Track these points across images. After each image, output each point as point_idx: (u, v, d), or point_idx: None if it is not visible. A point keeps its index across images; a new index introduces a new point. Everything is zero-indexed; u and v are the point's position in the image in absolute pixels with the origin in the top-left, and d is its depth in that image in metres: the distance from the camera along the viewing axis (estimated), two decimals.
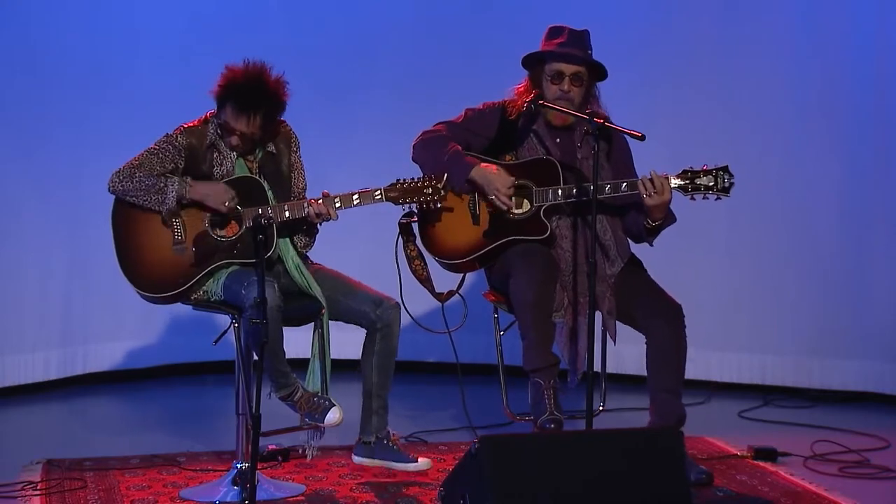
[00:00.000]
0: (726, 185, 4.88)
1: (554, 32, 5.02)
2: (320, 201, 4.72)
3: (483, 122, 5.10)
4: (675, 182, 4.87)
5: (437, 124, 5.12)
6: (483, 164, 4.97)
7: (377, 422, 4.87)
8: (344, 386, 4.93)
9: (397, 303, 4.84)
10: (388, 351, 4.83)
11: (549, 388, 4.84)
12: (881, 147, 6.34)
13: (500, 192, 4.94)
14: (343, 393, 4.87)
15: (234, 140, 4.75)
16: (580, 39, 5.00)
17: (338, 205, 4.74)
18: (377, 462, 4.89)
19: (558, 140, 5.07)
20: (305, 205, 4.72)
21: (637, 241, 5.09)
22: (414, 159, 5.08)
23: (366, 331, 4.85)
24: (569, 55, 4.96)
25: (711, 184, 4.88)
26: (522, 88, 5.08)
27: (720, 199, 4.91)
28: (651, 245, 5.07)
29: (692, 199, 4.92)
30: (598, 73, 5.02)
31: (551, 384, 4.85)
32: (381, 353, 4.83)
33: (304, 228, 4.85)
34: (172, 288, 4.73)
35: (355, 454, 4.93)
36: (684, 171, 4.89)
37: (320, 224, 4.83)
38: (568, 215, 5.02)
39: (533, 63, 5.05)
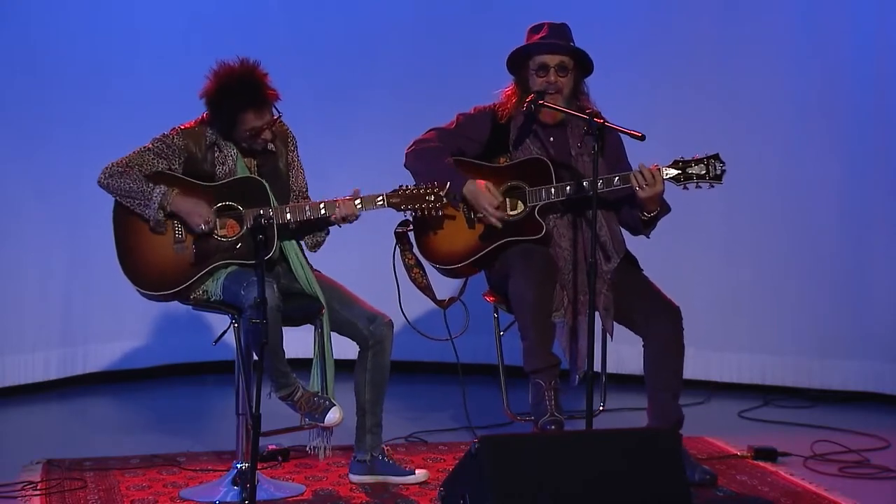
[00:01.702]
0: (718, 172, 4.88)
1: (534, 29, 5.05)
2: (348, 200, 4.70)
3: (475, 127, 5.10)
4: (667, 172, 4.87)
5: (429, 131, 5.11)
6: (474, 181, 4.97)
7: (371, 440, 4.87)
8: (345, 386, 4.92)
9: (390, 320, 4.83)
10: (380, 367, 4.82)
11: (550, 389, 4.84)
12: (881, 147, 6.33)
13: (488, 213, 4.95)
14: (344, 393, 4.86)
15: (269, 134, 4.76)
16: (561, 31, 5.02)
17: (339, 209, 4.74)
18: (375, 478, 4.87)
19: (552, 139, 5.07)
20: (336, 202, 4.70)
21: (634, 233, 5.09)
22: (406, 167, 5.08)
23: (358, 347, 4.85)
24: (551, 45, 4.97)
25: (703, 172, 4.88)
26: (510, 91, 5.09)
27: (713, 186, 4.91)
28: (648, 237, 5.07)
29: (685, 188, 4.91)
30: (584, 67, 5.03)
31: (552, 385, 4.85)
32: (373, 370, 4.82)
33: (317, 228, 4.84)
34: (171, 286, 4.73)
35: (352, 472, 4.92)
36: (675, 161, 4.90)
37: (340, 226, 4.82)
38: (565, 213, 5.02)
39: (517, 65, 5.05)
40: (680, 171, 4.88)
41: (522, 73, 5.04)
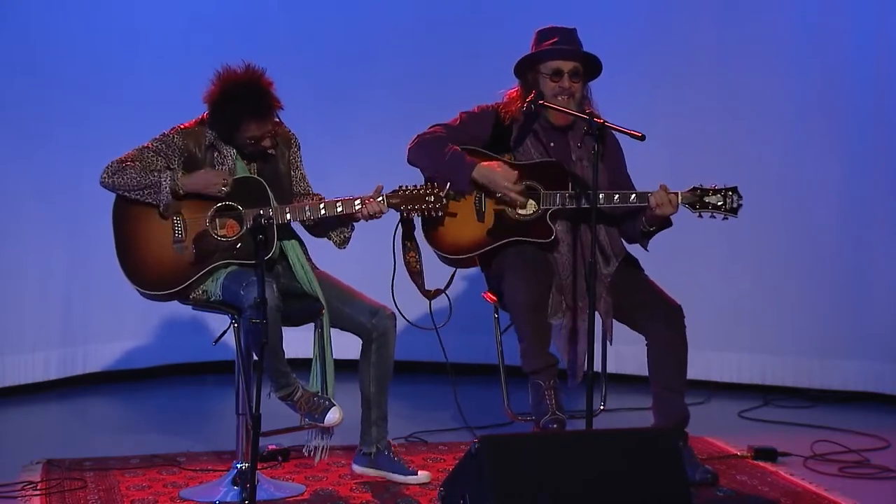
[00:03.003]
0: (735, 205, 4.88)
1: (545, 34, 5.03)
2: (375, 199, 4.70)
3: (478, 125, 5.10)
4: (683, 198, 4.87)
5: (432, 126, 5.10)
6: (484, 163, 4.97)
7: (377, 433, 4.87)
8: (345, 386, 4.93)
9: (393, 312, 4.83)
10: (384, 361, 4.82)
11: (550, 389, 4.84)
12: (881, 147, 6.34)
13: (507, 189, 4.93)
14: (344, 393, 4.86)
15: (269, 142, 4.76)
16: (572, 37, 5.02)
17: (339, 209, 4.74)
18: (378, 472, 4.88)
19: (552, 144, 5.06)
20: (356, 203, 4.70)
21: (631, 242, 5.10)
22: (410, 161, 5.06)
23: (361, 341, 4.85)
24: (567, 51, 4.98)
25: (720, 203, 4.87)
26: (515, 94, 5.09)
27: (727, 219, 4.90)
28: (646, 249, 5.07)
29: (699, 216, 4.91)
30: (591, 71, 5.03)
31: (551, 384, 4.85)
32: (377, 363, 4.82)
33: (342, 225, 4.84)
34: (171, 286, 4.73)
35: (355, 464, 4.93)
36: (694, 189, 4.88)
37: (367, 221, 4.80)
38: (566, 218, 5.02)
39: (524, 68, 5.05)
40: (697, 199, 4.87)
41: (531, 76, 5.04)
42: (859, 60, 6.33)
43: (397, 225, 5.00)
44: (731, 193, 4.88)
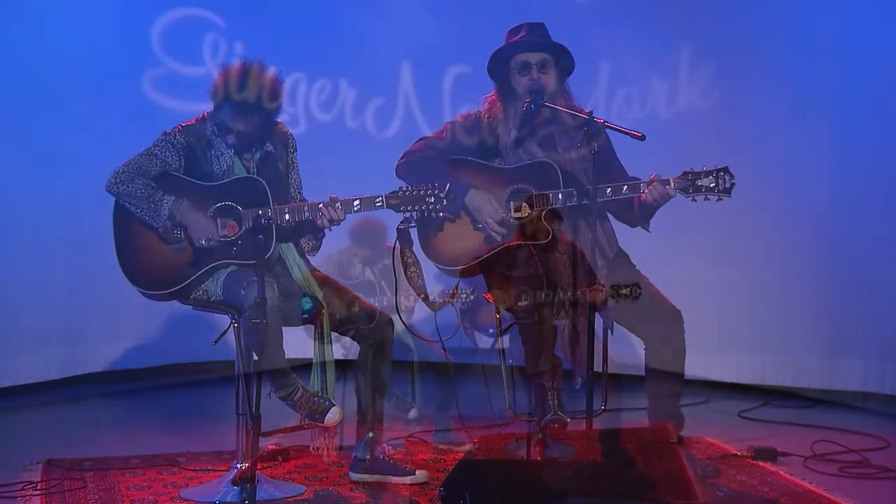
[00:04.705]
0: (727, 185, 4.90)
1: (513, 31, 5.08)
2: (333, 206, 4.70)
3: (464, 135, 5.11)
4: (675, 184, 4.88)
5: (418, 141, 5.12)
6: (478, 192, 4.96)
7: (372, 438, 4.87)
8: (345, 386, 4.93)
9: (390, 318, 4.84)
10: (380, 367, 4.83)
11: (553, 390, 4.84)
12: (881, 147, 6.33)
13: (489, 226, 4.95)
14: (344, 393, 4.86)
15: (231, 139, 4.76)
16: (540, 30, 5.05)
17: (357, 206, 4.74)
18: (375, 477, 4.88)
19: (539, 140, 5.07)
20: (321, 207, 4.70)
21: (632, 226, 5.10)
22: (400, 178, 5.07)
23: (358, 346, 4.84)
24: (532, 42, 5.00)
25: (712, 185, 4.88)
26: (493, 96, 5.10)
27: (721, 199, 4.92)
28: (647, 230, 5.07)
29: (693, 199, 4.93)
30: (565, 65, 5.04)
31: (555, 385, 4.85)
32: (373, 369, 4.83)
33: (312, 232, 4.85)
34: (171, 286, 4.74)
35: (352, 471, 4.93)
36: (685, 173, 4.90)
37: (329, 228, 4.82)
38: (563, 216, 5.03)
39: (498, 67, 5.06)
40: (689, 183, 4.88)
41: (504, 74, 5.05)
42: (859, 61, 6.33)
43: (395, 242, 5.01)
44: (722, 174, 4.90)
